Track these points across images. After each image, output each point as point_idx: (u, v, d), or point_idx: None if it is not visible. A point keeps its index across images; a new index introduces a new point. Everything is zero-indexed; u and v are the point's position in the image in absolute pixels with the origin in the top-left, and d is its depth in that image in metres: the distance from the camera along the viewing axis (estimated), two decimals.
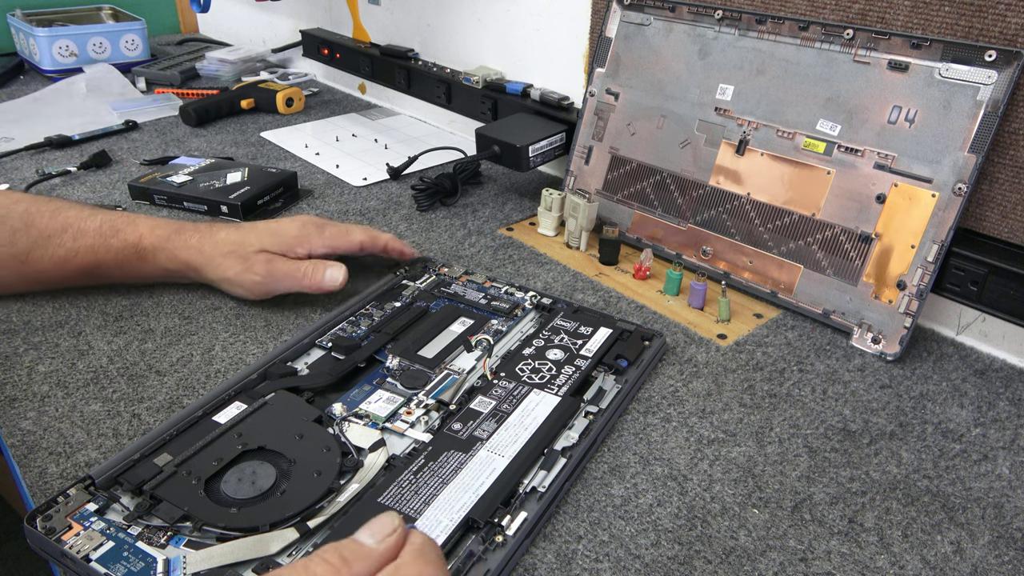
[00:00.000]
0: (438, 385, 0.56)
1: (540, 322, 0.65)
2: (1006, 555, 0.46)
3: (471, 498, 0.46)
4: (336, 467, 0.48)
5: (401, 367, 0.58)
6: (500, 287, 0.69)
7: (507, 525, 0.45)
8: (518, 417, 0.53)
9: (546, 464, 0.50)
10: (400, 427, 0.52)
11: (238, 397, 0.54)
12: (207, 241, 0.66)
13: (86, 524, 0.44)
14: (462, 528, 0.44)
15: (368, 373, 0.58)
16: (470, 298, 0.68)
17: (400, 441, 0.52)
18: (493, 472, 0.48)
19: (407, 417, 0.53)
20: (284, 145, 1.08)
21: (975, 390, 0.60)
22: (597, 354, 0.60)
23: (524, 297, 0.68)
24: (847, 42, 0.66)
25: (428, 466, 0.49)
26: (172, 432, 0.50)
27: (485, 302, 0.67)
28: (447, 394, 0.55)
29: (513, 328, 0.64)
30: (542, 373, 0.58)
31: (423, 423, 0.53)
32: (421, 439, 0.51)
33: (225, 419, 0.52)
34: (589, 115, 0.84)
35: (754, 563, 0.44)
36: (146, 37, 1.41)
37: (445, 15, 1.08)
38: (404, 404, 0.54)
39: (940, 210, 0.61)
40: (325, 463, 0.48)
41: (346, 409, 0.54)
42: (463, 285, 0.70)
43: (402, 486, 0.47)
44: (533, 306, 0.67)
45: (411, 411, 0.54)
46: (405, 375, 0.57)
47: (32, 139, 1.04)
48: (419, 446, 0.51)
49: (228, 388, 0.54)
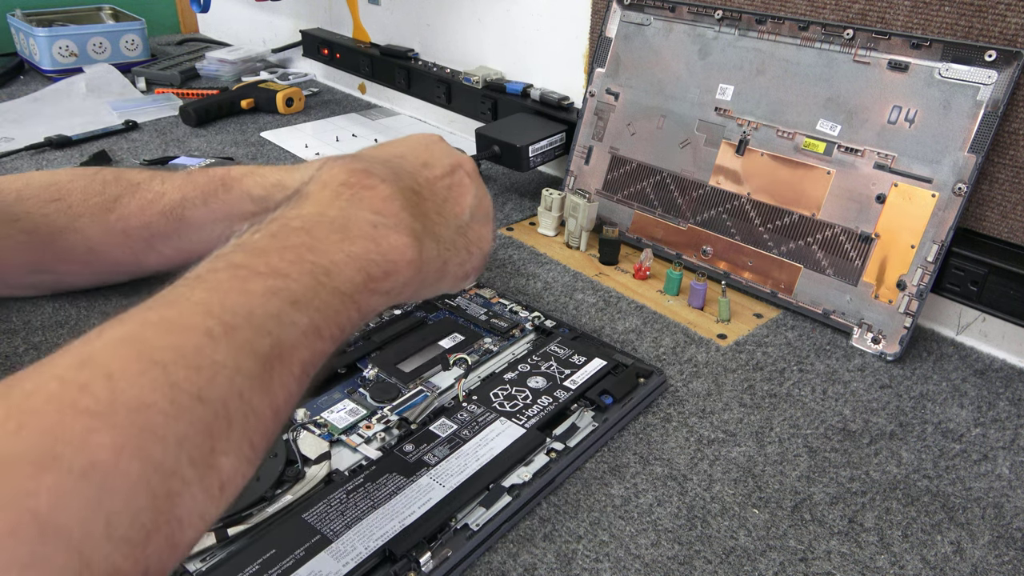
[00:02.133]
0: (407, 402, 0.54)
1: (535, 345, 0.62)
2: (1006, 555, 0.46)
3: (395, 527, 0.43)
4: (276, 475, 0.46)
5: (378, 379, 0.56)
6: (506, 304, 0.67)
7: (424, 563, 0.42)
8: (473, 446, 0.50)
9: (487, 500, 0.46)
10: (354, 441, 0.50)
11: None
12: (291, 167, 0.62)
13: None
14: (378, 557, 0.42)
15: (345, 380, 0.56)
16: (472, 313, 0.65)
17: (351, 456, 0.49)
18: (428, 502, 0.45)
19: (365, 431, 0.51)
20: (284, 145, 1.08)
21: (975, 390, 0.60)
22: (581, 387, 0.56)
23: (527, 317, 0.65)
24: (847, 42, 0.66)
25: (365, 487, 0.46)
26: None
27: (485, 319, 0.64)
28: (413, 412, 0.53)
29: (505, 349, 0.61)
30: (516, 401, 0.54)
31: (379, 440, 0.50)
32: (370, 456, 0.49)
33: None
34: (589, 115, 0.84)
35: (754, 563, 0.44)
36: (146, 37, 1.41)
37: (445, 15, 1.08)
38: (366, 417, 0.52)
39: (940, 210, 0.61)
40: (266, 469, 0.46)
41: (308, 415, 0.52)
42: (469, 299, 0.67)
43: (331, 504, 0.45)
44: (533, 328, 0.64)
45: (371, 425, 0.51)
46: (376, 387, 0.55)
47: (32, 139, 1.04)
48: (365, 464, 0.48)
49: None
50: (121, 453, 0.25)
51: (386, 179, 0.40)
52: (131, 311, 0.30)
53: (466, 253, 0.45)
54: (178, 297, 0.31)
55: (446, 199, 0.45)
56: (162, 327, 0.29)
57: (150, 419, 0.26)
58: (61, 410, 0.25)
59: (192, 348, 0.29)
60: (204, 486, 0.27)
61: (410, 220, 0.40)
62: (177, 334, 0.29)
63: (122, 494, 0.25)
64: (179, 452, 0.27)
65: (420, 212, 0.41)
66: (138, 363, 0.27)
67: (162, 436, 0.26)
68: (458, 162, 0.47)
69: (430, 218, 0.42)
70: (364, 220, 0.38)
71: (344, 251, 0.36)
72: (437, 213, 0.43)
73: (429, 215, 0.42)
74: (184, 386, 0.28)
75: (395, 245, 0.38)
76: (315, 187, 0.39)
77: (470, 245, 0.45)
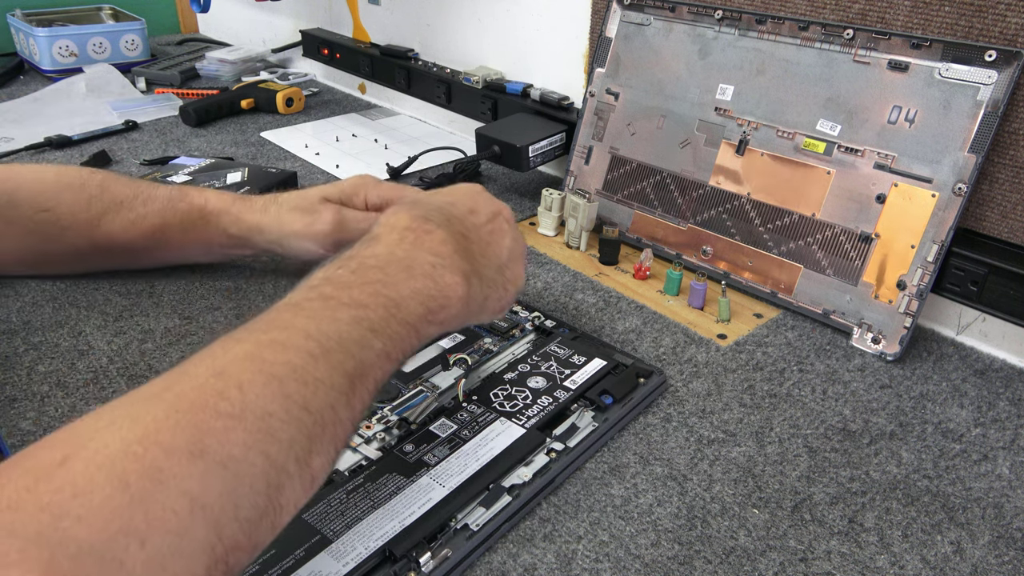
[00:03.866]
0: (407, 402, 0.54)
1: (535, 345, 0.61)
2: (1006, 555, 0.46)
3: (395, 527, 0.43)
4: None
5: None
6: None
7: (424, 563, 0.42)
8: (473, 446, 0.50)
9: (487, 501, 0.46)
10: (354, 441, 0.50)
11: None
12: (271, 203, 0.67)
13: None
14: (378, 557, 0.42)
15: None
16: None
17: (351, 456, 0.49)
18: (428, 502, 0.45)
19: (365, 431, 0.51)
20: (284, 145, 1.08)
21: (975, 390, 0.60)
22: (581, 387, 0.56)
23: (527, 317, 0.65)
24: (847, 42, 0.66)
25: (365, 487, 0.46)
26: None
27: None
28: (413, 412, 0.53)
29: (505, 349, 0.61)
30: (516, 401, 0.54)
31: (379, 440, 0.51)
32: (371, 456, 0.49)
33: None
34: (589, 115, 0.84)
35: (754, 563, 0.44)
36: (146, 37, 1.41)
37: (445, 15, 1.08)
38: (366, 418, 0.52)
39: (940, 210, 0.61)
40: None
41: None
42: None
43: (331, 504, 0.45)
44: (533, 328, 0.64)
45: (371, 425, 0.52)
46: None
47: (32, 139, 1.04)
48: (365, 464, 0.49)
49: None
50: (250, 449, 0.31)
51: (441, 224, 0.47)
52: (244, 332, 0.36)
53: (503, 290, 0.51)
54: (284, 323, 0.37)
55: (488, 242, 0.51)
56: (276, 347, 0.35)
57: (271, 424, 0.32)
58: (206, 411, 0.31)
59: (300, 366, 0.35)
60: (302, 480, 0.33)
61: (461, 262, 0.46)
62: (288, 353, 0.35)
63: (248, 482, 0.31)
64: (289, 451, 0.33)
65: (468, 254, 0.47)
66: (261, 376, 0.34)
67: (279, 438, 0.32)
68: (499, 209, 0.53)
69: (476, 259, 0.48)
70: (425, 261, 0.44)
71: (410, 287, 0.43)
72: (481, 255, 0.49)
73: (475, 256, 0.48)
74: (295, 398, 0.34)
75: (449, 283, 0.44)
76: (384, 230, 0.46)
77: (507, 283, 0.51)
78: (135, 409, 0.31)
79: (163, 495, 0.28)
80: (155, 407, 0.31)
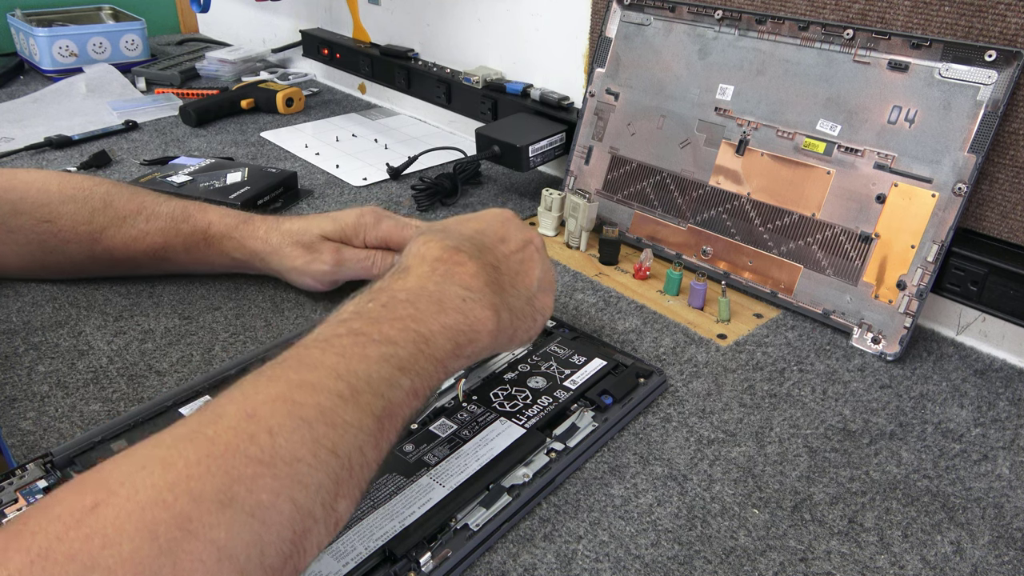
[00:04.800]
0: None
1: (535, 345, 0.61)
2: (1006, 555, 0.46)
3: (395, 527, 0.43)
4: None
5: None
6: None
7: (424, 563, 0.42)
8: (473, 446, 0.50)
9: (487, 501, 0.46)
10: None
11: (210, 391, 0.53)
12: (274, 232, 0.67)
13: (30, 500, 0.44)
14: (378, 557, 0.42)
15: None
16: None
17: None
18: (428, 502, 0.45)
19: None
20: (284, 145, 1.08)
21: (975, 390, 0.60)
22: (581, 387, 0.56)
23: None
24: (847, 42, 0.66)
25: None
26: (137, 419, 0.50)
27: None
28: None
29: None
30: (515, 401, 0.54)
31: None
32: None
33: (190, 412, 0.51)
34: (589, 115, 0.84)
35: (754, 563, 0.44)
36: (146, 37, 1.41)
37: (445, 15, 1.08)
38: None
39: (940, 210, 0.61)
40: None
41: None
42: None
43: None
44: None
45: None
46: None
47: (32, 139, 1.04)
48: None
49: (203, 382, 0.54)
50: (278, 496, 0.31)
51: (472, 256, 0.46)
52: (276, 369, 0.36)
53: (531, 320, 0.50)
54: (314, 361, 0.37)
55: (518, 272, 0.50)
56: (306, 389, 0.35)
57: (300, 470, 0.33)
58: (237, 456, 0.31)
59: (329, 408, 0.35)
60: (326, 524, 0.34)
61: (491, 295, 0.45)
62: (318, 395, 0.35)
63: (275, 529, 0.31)
64: (316, 497, 0.33)
65: (499, 286, 0.47)
66: (290, 420, 0.34)
67: (306, 484, 0.33)
68: (529, 238, 0.53)
69: (506, 291, 0.48)
70: (456, 295, 0.44)
71: (440, 322, 0.42)
72: (511, 285, 0.49)
73: (505, 288, 0.48)
74: (323, 442, 0.34)
75: (480, 318, 0.44)
76: (415, 261, 0.46)
77: (535, 313, 0.50)
78: (167, 452, 0.31)
79: (191, 545, 0.28)
80: (187, 450, 0.31)
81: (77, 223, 0.65)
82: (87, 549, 0.27)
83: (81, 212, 0.66)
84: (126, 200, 0.67)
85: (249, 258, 0.68)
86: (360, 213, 0.67)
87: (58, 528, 0.27)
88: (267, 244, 0.67)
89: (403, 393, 0.39)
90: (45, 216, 0.65)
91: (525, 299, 0.49)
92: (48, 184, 0.66)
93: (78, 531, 0.27)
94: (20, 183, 0.66)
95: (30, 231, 0.65)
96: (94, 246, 0.66)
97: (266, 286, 0.71)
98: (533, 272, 0.51)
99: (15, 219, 0.65)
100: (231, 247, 0.67)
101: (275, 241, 0.66)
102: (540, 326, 0.51)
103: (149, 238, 0.67)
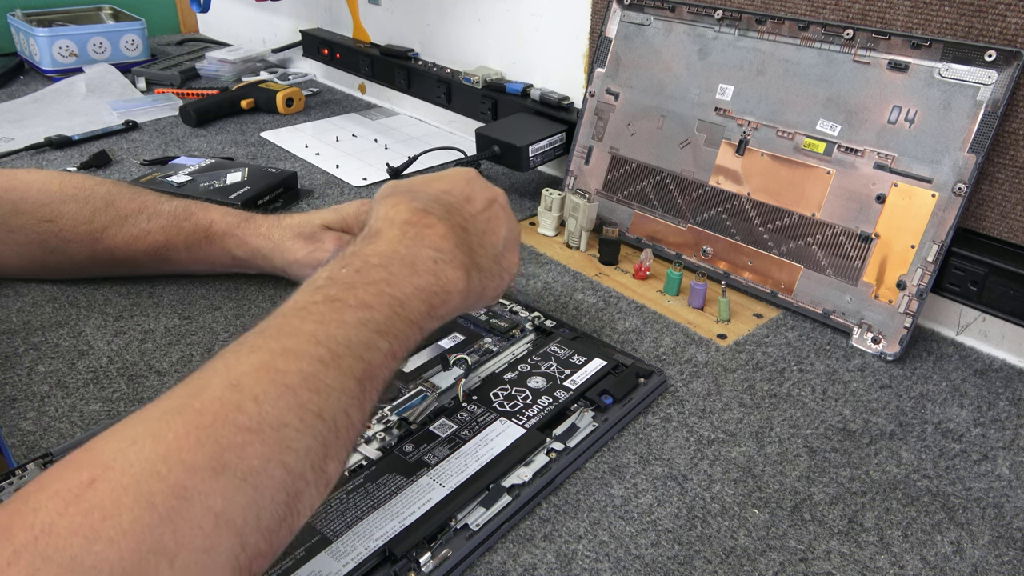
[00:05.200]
0: (407, 402, 0.54)
1: (535, 345, 0.61)
2: (1006, 555, 0.46)
3: (395, 527, 0.43)
4: None
5: None
6: (506, 304, 0.66)
7: (424, 563, 0.42)
8: (473, 446, 0.50)
9: (487, 501, 0.46)
10: None
11: None
12: (275, 228, 0.67)
13: None
14: (378, 557, 0.42)
15: None
16: (472, 313, 0.65)
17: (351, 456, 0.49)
18: (428, 502, 0.45)
19: (366, 432, 0.51)
20: (284, 145, 1.08)
21: (975, 390, 0.60)
22: (581, 387, 0.56)
23: (527, 317, 0.65)
24: (847, 42, 0.66)
25: (365, 487, 0.46)
26: None
27: (485, 319, 0.64)
28: (413, 412, 0.53)
29: (505, 349, 0.60)
30: (516, 401, 0.54)
31: (379, 440, 0.50)
32: (370, 456, 0.49)
33: None
34: (589, 115, 0.84)
35: (754, 563, 0.44)
36: (146, 37, 1.41)
37: (445, 15, 1.08)
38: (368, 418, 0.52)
39: (940, 210, 0.61)
40: None
41: None
42: None
43: (331, 504, 0.45)
44: (533, 328, 0.63)
45: (371, 425, 0.52)
46: None
47: (32, 139, 1.04)
48: (365, 464, 0.49)
49: None
50: (269, 461, 0.32)
51: (441, 217, 0.46)
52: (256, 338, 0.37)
53: (499, 279, 0.51)
54: (293, 329, 0.38)
55: (485, 231, 0.50)
56: (287, 356, 0.36)
57: (287, 435, 0.33)
58: (225, 426, 0.32)
59: (311, 373, 0.35)
60: (317, 486, 0.34)
61: (461, 255, 0.46)
62: (300, 361, 0.36)
63: (269, 494, 0.32)
64: (305, 460, 0.34)
65: (467, 246, 0.47)
66: (275, 387, 0.34)
67: (295, 448, 0.33)
68: (494, 196, 0.53)
69: (474, 250, 0.48)
70: (427, 256, 0.44)
71: (413, 284, 0.43)
72: (479, 245, 0.49)
73: (473, 248, 0.48)
74: (309, 407, 0.34)
75: (451, 279, 0.44)
76: (384, 224, 0.46)
77: (503, 272, 0.51)
78: (156, 426, 0.31)
79: (189, 512, 0.29)
80: (175, 423, 0.31)
81: (78, 222, 0.65)
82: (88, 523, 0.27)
83: (82, 211, 0.66)
84: (127, 199, 0.67)
85: (251, 256, 0.68)
86: (361, 202, 0.68)
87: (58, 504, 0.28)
88: (269, 241, 0.67)
89: (381, 355, 0.39)
90: (46, 216, 0.65)
91: (492, 257, 0.50)
92: (49, 184, 0.66)
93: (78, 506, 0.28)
94: (21, 183, 0.66)
95: (31, 231, 0.65)
96: (95, 245, 0.66)
97: (266, 286, 0.71)
98: (499, 230, 0.51)
99: (16, 219, 0.65)
100: (233, 245, 0.67)
101: (277, 237, 0.67)
102: (507, 283, 0.52)
103: (151, 237, 0.67)
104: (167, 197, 0.69)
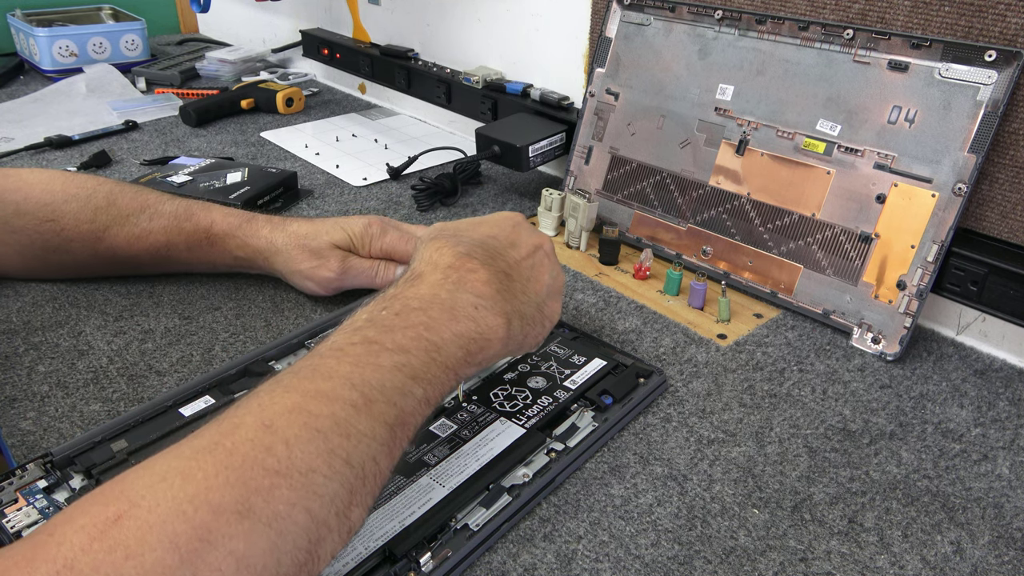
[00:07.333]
0: None
1: None
2: (1006, 555, 0.46)
3: (395, 527, 0.43)
4: None
5: None
6: None
7: (424, 563, 0.42)
8: (473, 446, 0.50)
9: (487, 501, 0.46)
10: None
11: (210, 391, 0.53)
12: (278, 232, 0.67)
13: (30, 500, 0.44)
14: (378, 557, 0.42)
15: None
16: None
17: None
18: (428, 502, 0.45)
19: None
20: (284, 145, 1.08)
21: (975, 390, 0.60)
22: (581, 387, 0.56)
23: None
24: (847, 42, 0.66)
25: None
26: (138, 419, 0.50)
27: None
28: None
29: None
30: (515, 401, 0.54)
31: None
32: None
33: (191, 412, 0.51)
34: (589, 115, 0.84)
35: (754, 563, 0.44)
36: (146, 37, 1.41)
37: (445, 15, 1.08)
38: None
39: (940, 210, 0.61)
40: None
41: None
42: None
43: None
44: None
45: None
46: None
47: (32, 139, 1.04)
48: None
49: (204, 382, 0.54)
50: (294, 507, 0.32)
51: (484, 263, 0.46)
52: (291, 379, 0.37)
53: (540, 326, 0.50)
54: (329, 370, 0.38)
55: (529, 278, 0.50)
56: (320, 399, 0.36)
57: (315, 480, 0.33)
58: (254, 468, 0.32)
59: (343, 419, 0.36)
60: (340, 532, 0.34)
61: (503, 303, 0.46)
62: (332, 405, 0.36)
63: (291, 538, 0.32)
64: (330, 506, 0.34)
65: (510, 293, 0.47)
66: (306, 431, 0.34)
67: (321, 494, 0.33)
68: (540, 243, 0.53)
69: (517, 297, 0.48)
70: (467, 303, 0.44)
71: (451, 330, 0.43)
72: (522, 292, 0.49)
73: (516, 295, 0.48)
74: (338, 452, 0.35)
75: (491, 325, 0.44)
76: (427, 268, 0.46)
77: (544, 319, 0.51)
78: (186, 464, 0.32)
79: (211, 556, 0.29)
80: (206, 463, 0.32)
81: (80, 222, 0.65)
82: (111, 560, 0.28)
83: (84, 211, 0.66)
84: (129, 199, 0.67)
85: (252, 257, 0.68)
86: (367, 223, 0.67)
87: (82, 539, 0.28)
88: (271, 244, 0.67)
89: (415, 401, 0.39)
90: (48, 215, 0.65)
91: (535, 305, 0.49)
92: (51, 183, 0.66)
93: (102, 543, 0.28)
94: (23, 183, 0.66)
95: (33, 231, 0.65)
96: (97, 245, 0.66)
97: (266, 286, 0.71)
98: (543, 278, 0.51)
99: (18, 219, 0.65)
100: (234, 245, 0.67)
101: (280, 241, 0.66)
102: (547, 331, 0.51)
103: (152, 236, 0.67)
104: (169, 197, 0.69)
